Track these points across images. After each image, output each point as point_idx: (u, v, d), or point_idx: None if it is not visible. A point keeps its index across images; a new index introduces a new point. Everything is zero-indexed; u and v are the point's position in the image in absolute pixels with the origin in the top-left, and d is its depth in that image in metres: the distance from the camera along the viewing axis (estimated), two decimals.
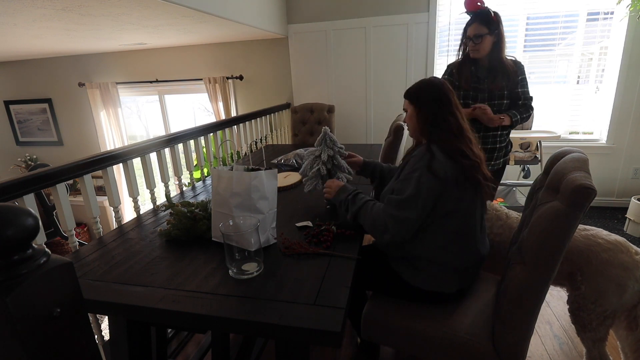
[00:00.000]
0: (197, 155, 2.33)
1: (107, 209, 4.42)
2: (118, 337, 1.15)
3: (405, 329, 1.20)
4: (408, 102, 1.28)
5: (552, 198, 0.99)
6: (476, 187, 1.17)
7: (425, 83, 1.26)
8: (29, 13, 2.04)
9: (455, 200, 1.15)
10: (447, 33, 3.36)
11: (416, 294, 1.24)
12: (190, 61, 4.13)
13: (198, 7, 2.14)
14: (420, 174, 1.14)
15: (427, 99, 1.23)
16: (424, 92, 1.24)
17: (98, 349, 0.63)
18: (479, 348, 1.10)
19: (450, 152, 1.15)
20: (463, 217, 1.17)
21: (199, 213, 1.30)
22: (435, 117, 1.21)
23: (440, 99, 1.22)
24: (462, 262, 1.21)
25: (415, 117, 1.25)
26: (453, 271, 1.20)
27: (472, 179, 1.15)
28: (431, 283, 1.21)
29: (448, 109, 1.21)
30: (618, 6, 2.89)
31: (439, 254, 1.18)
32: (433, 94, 1.22)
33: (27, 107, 4.89)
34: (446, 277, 1.21)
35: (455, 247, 1.18)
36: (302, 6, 3.53)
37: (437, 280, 1.21)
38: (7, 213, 0.51)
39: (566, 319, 1.90)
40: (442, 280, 1.21)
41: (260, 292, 0.94)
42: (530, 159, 2.79)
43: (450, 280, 1.21)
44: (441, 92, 1.22)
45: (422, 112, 1.24)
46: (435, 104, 1.21)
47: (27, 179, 1.23)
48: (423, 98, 1.24)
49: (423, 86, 1.26)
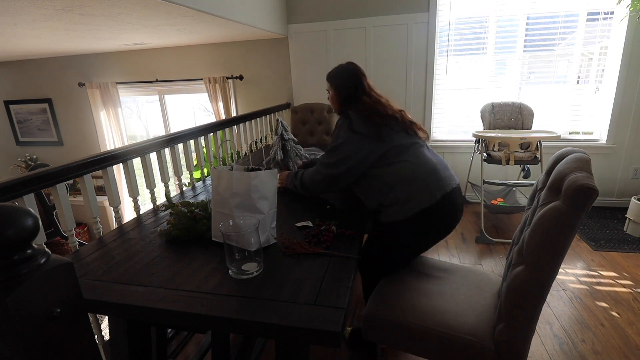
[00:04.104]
0: (197, 155, 2.33)
1: (107, 209, 4.42)
2: (118, 337, 1.15)
3: (406, 328, 1.20)
4: (329, 84, 1.60)
5: (553, 198, 0.99)
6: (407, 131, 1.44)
7: (342, 67, 1.58)
8: (29, 13, 2.04)
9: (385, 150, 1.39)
10: (447, 33, 3.36)
11: (413, 226, 1.37)
12: (190, 61, 4.13)
13: (198, 7, 2.14)
14: (344, 137, 1.39)
15: (343, 81, 1.54)
16: (340, 75, 1.56)
17: (98, 349, 0.63)
18: (480, 348, 1.10)
19: (365, 114, 1.42)
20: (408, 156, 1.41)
21: (199, 213, 1.30)
22: (350, 96, 1.51)
23: (354, 83, 1.52)
24: (418, 173, 1.38)
25: (336, 96, 1.56)
26: (421, 182, 1.37)
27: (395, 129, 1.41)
28: (413, 204, 1.34)
29: (362, 90, 1.51)
30: (618, 6, 2.89)
31: (393, 180, 1.38)
32: (349, 77, 1.53)
33: (27, 107, 4.89)
34: (419, 193, 1.36)
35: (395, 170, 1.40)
36: (302, 6, 3.53)
37: (416, 199, 1.35)
38: (7, 213, 0.51)
39: (566, 319, 1.91)
40: (418, 197, 1.35)
41: (260, 292, 0.94)
42: (530, 159, 2.79)
43: (424, 193, 1.35)
44: (355, 76, 1.53)
45: (340, 91, 1.54)
46: (352, 85, 1.52)
47: (27, 179, 1.23)
48: (339, 79, 1.55)
49: (340, 70, 1.57)
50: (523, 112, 3.10)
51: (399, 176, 1.38)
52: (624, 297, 2.07)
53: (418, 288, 1.36)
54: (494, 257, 2.56)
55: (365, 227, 1.38)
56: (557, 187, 0.99)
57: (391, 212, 1.38)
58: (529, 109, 3.09)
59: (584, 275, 2.29)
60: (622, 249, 2.58)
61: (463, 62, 3.44)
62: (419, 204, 1.34)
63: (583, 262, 2.45)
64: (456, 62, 3.45)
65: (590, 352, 1.68)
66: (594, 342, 1.74)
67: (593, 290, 2.14)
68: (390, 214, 1.38)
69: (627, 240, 2.72)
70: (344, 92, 1.53)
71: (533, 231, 0.99)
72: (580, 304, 2.03)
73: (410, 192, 1.36)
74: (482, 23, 3.30)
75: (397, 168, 1.38)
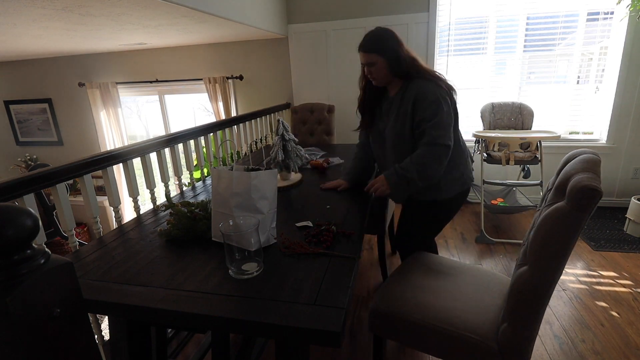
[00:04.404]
0: (197, 155, 2.33)
1: (107, 209, 4.42)
2: (118, 337, 1.15)
3: (411, 323, 1.21)
4: (374, 54, 1.44)
5: (558, 199, 0.98)
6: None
7: (379, 33, 1.45)
8: (29, 13, 2.04)
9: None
10: (447, 33, 3.36)
11: (448, 205, 1.55)
12: (190, 61, 4.13)
13: (198, 7, 2.14)
14: (435, 97, 1.38)
15: (390, 45, 1.43)
16: (384, 40, 1.44)
17: (98, 349, 0.63)
18: (483, 347, 1.10)
19: (430, 78, 1.44)
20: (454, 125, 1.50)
21: (199, 213, 1.30)
22: (402, 59, 1.43)
23: (397, 40, 1.45)
24: (467, 151, 1.56)
25: (386, 64, 1.44)
26: (464, 166, 1.53)
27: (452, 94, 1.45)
28: (455, 186, 1.50)
29: (403, 47, 1.45)
30: (618, 6, 2.89)
31: (455, 156, 1.46)
32: (391, 39, 1.44)
33: (27, 107, 4.89)
34: (463, 175, 1.52)
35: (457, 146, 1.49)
36: (302, 6, 3.53)
37: (459, 181, 1.51)
38: (7, 213, 0.51)
39: (566, 319, 1.91)
40: (461, 179, 1.51)
41: (260, 292, 0.94)
42: (530, 159, 2.79)
43: (464, 176, 1.52)
44: (394, 36, 1.45)
45: (390, 57, 1.43)
46: (397, 46, 1.44)
47: (27, 179, 1.23)
48: (385, 46, 1.43)
49: (379, 36, 1.45)
50: (523, 112, 3.10)
51: (461, 156, 1.51)
52: (624, 297, 2.07)
53: (425, 285, 1.36)
54: (494, 257, 2.56)
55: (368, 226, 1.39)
56: (563, 188, 0.99)
57: (447, 189, 1.49)
58: (529, 109, 3.09)
59: (584, 275, 2.29)
60: (622, 249, 2.58)
61: (463, 62, 3.44)
62: (463, 185, 1.53)
63: (583, 262, 2.45)
64: (456, 62, 3.45)
65: (590, 352, 1.68)
66: (594, 342, 1.74)
67: (593, 290, 2.14)
68: (447, 190, 1.49)
69: (627, 240, 2.72)
70: (396, 57, 1.43)
71: (537, 232, 0.99)
72: (580, 304, 2.03)
73: (466, 172, 1.53)
74: (482, 23, 3.30)
75: (460, 149, 1.50)
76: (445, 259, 1.57)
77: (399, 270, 1.48)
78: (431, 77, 1.45)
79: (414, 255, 1.59)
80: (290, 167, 1.86)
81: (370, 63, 1.46)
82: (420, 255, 1.58)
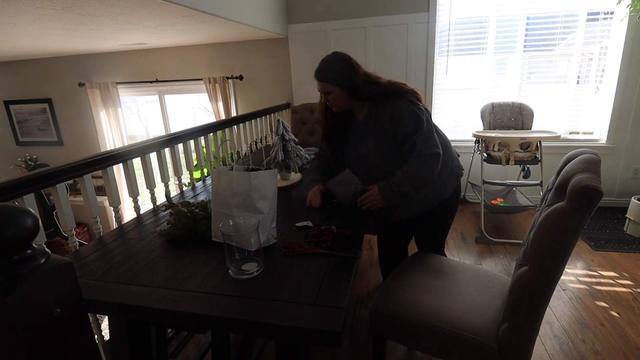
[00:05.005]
0: (197, 155, 2.33)
1: (107, 209, 4.42)
2: (118, 337, 1.15)
3: (410, 323, 1.21)
4: (329, 84, 1.41)
5: (559, 199, 0.98)
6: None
7: (331, 61, 1.43)
8: (29, 13, 2.04)
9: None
10: (447, 33, 3.36)
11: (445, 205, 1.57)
12: (190, 61, 4.13)
13: (198, 7, 2.14)
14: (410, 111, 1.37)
15: (343, 74, 1.40)
16: (336, 69, 1.41)
17: (98, 349, 0.63)
18: (483, 347, 1.10)
19: (396, 97, 1.41)
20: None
21: (199, 213, 1.30)
22: (358, 84, 1.40)
23: (351, 66, 1.41)
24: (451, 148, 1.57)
25: (343, 92, 1.42)
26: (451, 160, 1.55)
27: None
28: (448, 187, 1.54)
29: (359, 70, 1.42)
30: (618, 6, 2.89)
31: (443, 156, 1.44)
32: (344, 67, 1.40)
33: (27, 107, 4.89)
34: (452, 169, 1.55)
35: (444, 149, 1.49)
36: (302, 6, 3.53)
37: (452, 175, 1.55)
38: (7, 213, 0.51)
39: (566, 319, 1.91)
40: (452, 173, 1.55)
41: (260, 292, 0.94)
42: (530, 159, 2.79)
43: (455, 168, 1.57)
44: (348, 62, 1.41)
45: (345, 85, 1.40)
46: (351, 73, 1.40)
47: (27, 179, 1.23)
48: (339, 75, 1.40)
49: (332, 65, 1.42)
50: (523, 112, 3.10)
51: (446, 153, 1.49)
52: (624, 297, 2.07)
53: (425, 285, 1.36)
54: (494, 257, 2.56)
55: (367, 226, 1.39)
56: (563, 188, 0.99)
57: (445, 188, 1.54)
58: (529, 109, 3.09)
59: (584, 275, 2.29)
60: (622, 249, 2.58)
61: (463, 62, 3.44)
62: (458, 175, 1.58)
63: (583, 262, 2.45)
64: (456, 62, 3.45)
65: (590, 352, 1.68)
66: (594, 342, 1.74)
67: (593, 290, 2.14)
68: (446, 188, 1.54)
69: (627, 240, 2.72)
70: (351, 85, 1.40)
71: (537, 232, 0.99)
72: (580, 304, 2.03)
73: (454, 165, 1.57)
74: (482, 23, 3.30)
75: (443, 146, 1.47)
76: (445, 259, 1.57)
77: (399, 270, 1.48)
78: (396, 95, 1.41)
79: (414, 255, 1.59)
80: (290, 167, 1.86)
81: (326, 92, 1.44)
82: (420, 255, 1.58)
